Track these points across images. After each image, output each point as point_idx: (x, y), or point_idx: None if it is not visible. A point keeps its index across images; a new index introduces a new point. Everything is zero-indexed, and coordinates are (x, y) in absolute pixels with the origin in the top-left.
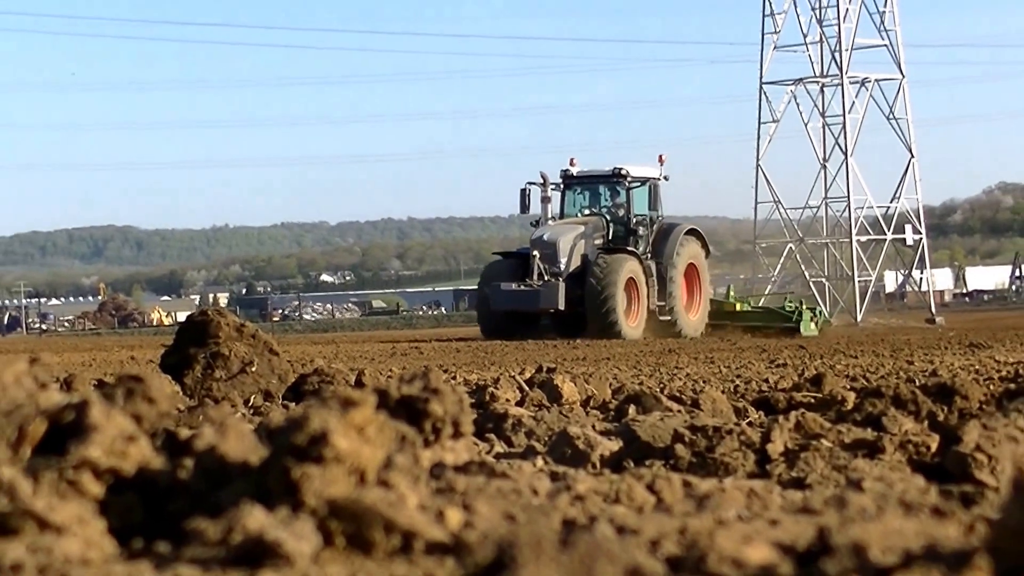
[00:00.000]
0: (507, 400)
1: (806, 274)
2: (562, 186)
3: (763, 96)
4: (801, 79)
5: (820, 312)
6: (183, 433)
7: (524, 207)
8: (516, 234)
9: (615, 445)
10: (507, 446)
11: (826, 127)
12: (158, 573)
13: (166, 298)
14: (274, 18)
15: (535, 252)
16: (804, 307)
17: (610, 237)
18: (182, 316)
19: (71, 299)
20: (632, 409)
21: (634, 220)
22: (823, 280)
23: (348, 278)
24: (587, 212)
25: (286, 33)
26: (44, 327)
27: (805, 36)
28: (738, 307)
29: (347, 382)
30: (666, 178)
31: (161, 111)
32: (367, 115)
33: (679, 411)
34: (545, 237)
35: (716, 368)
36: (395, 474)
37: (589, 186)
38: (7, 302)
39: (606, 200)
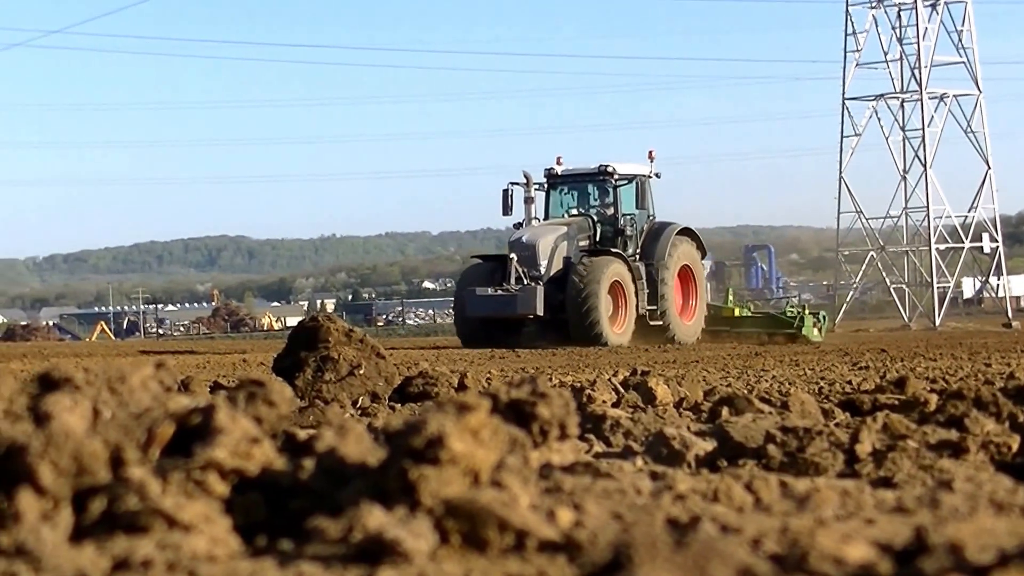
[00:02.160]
0: (603, 402)
1: (887, 281)
2: (546, 186)
3: (845, 111)
4: (882, 95)
5: (823, 317)
6: (301, 435)
7: (507, 208)
8: None
9: (709, 445)
10: (606, 446)
11: (906, 140)
12: (282, 570)
13: (276, 304)
14: (377, 39)
15: (512, 255)
16: (806, 312)
17: (597, 239)
18: (291, 321)
19: (186, 305)
20: (725, 411)
21: (621, 220)
22: (903, 286)
23: (449, 285)
24: (574, 213)
25: (391, 54)
26: (160, 332)
27: (886, 54)
28: (737, 312)
29: (450, 384)
30: (657, 175)
31: (271, 127)
32: (469, 130)
33: (770, 412)
34: (524, 239)
35: (801, 371)
36: (507, 475)
37: (574, 185)
38: (126, 308)
39: (594, 200)
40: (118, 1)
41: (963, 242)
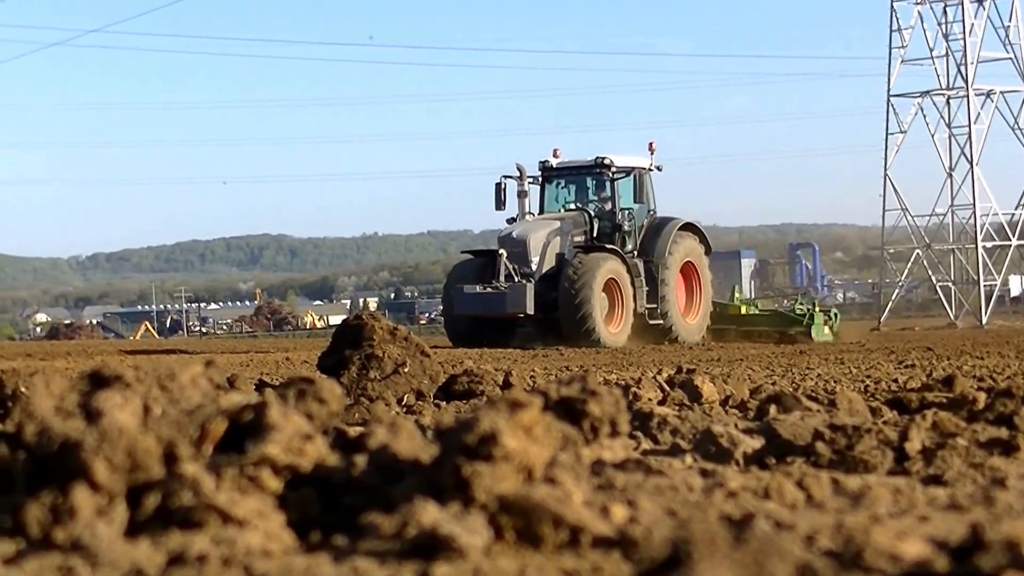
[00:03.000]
0: (649, 399)
1: (933, 279)
2: (541, 179)
3: (891, 108)
4: (928, 91)
5: (835, 315)
6: (352, 431)
7: (499, 203)
8: None
9: (757, 443)
10: (653, 444)
11: (952, 137)
12: (336, 565)
13: (318, 303)
14: (421, 37)
15: (502, 251)
16: (816, 310)
17: (594, 234)
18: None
19: (229, 304)
20: (773, 408)
21: (619, 215)
22: (949, 284)
23: None
24: (571, 207)
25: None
26: (204, 330)
27: (931, 50)
28: (744, 310)
29: (495, 382)
30: (658, 168)
31: (313, 126)
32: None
33: (818, 410)
34: (514, 234)
35: (846, 369)
36: (560, 471)
37: (570, 178)
38: (169, 307)
39: (592, 194)
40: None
41: (1010, 239)
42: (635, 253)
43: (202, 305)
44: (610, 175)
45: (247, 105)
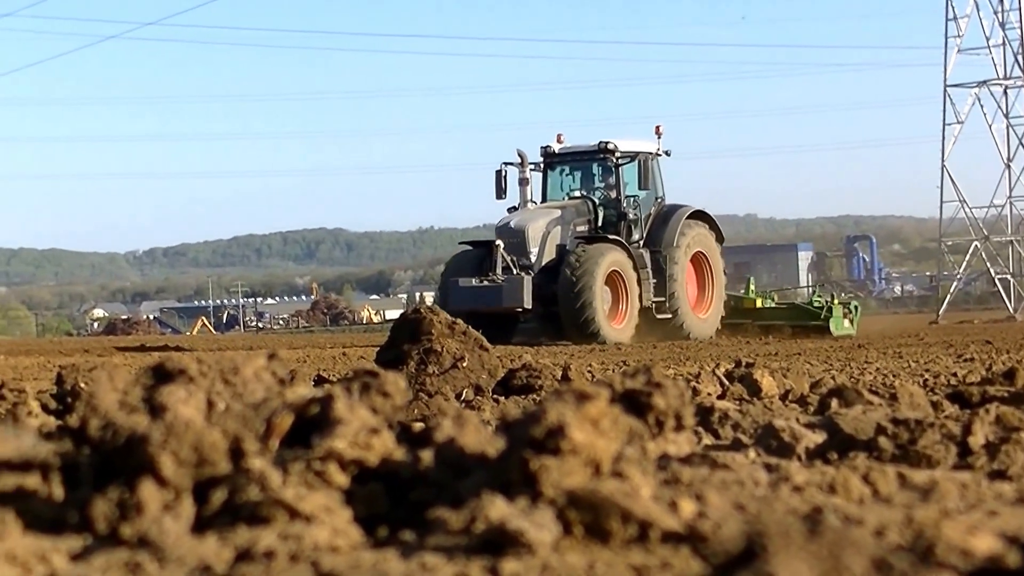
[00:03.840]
0: (709, 394)
1: (991, 271)
2: (543, 165)
3: (947, 98)
4: (984, 81)
5: (855, 308)
6: (416, 425)
7: (500, 191)
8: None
9: (819, 437)
10: (715, 438)
11: (1010, 127)
12: (404, 560)
13: (375, 297)
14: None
15: (499, 242)
16: (835, 303)
17: (599, 223)
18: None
19: (285, 298)
20: (835, 402)
21: (624, 203)
22: (1008, 277)
23: None
24: (576, 195)
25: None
26: (260, 325)
27: (988, 39)
28: (759, 303)
29: (554, 376)
30: (667, 153)
31: (368, 119)
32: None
33: (879, 404)
34: (512, 224)
35: (904, 362)
36: (628, 465)
37: (574, 164)
38: (225, 301)
39: (598, 180)
40: None
41: None
42: (641, 243)
43: (258, 300)
44: (614, 161)
45: (303, 98)
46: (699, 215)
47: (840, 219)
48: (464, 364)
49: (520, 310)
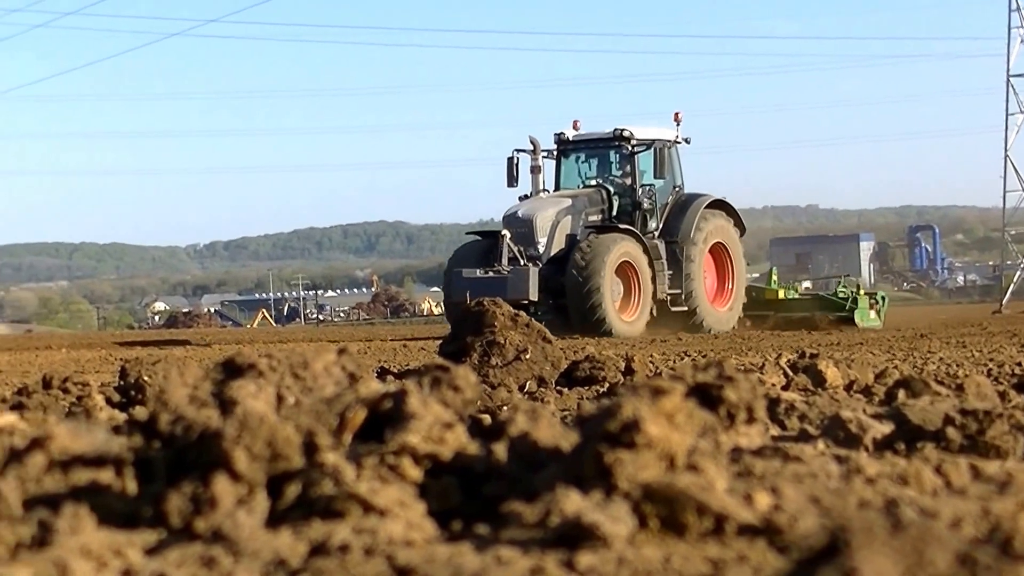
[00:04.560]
0: (774, 384)
1: None
2: (557, 153)
3: (1011, 88)
4: None
5: (882, 299)
6: (486, 419)
7: (512, 179)
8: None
9: (886, 428)
10: (781, 429)
11: None
12: (479, 554)
13: (435, 289)
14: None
15: (505, 231)
16: (860, 293)
17: (613, 212)
18: None
19: (346, 291)
20: (902, 393)
21: (639, 191)
22: None
23: None
24: (592, 184)
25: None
26: (320, 317)
27: None
28: (781, 294)
29: (617, 368)
30: (687, 140)
31: (428, 112)
32: (625, 113)
33: (947, 395)
34: (520, 213)
35: (968, 352)
36: (702, 459)
37: (588, 152)
38: (286, 294)
39: (615, 169)
40: None
41: None
42: (657, 233)
43: (319, 292)
44: (629, 148)
45: (363, 93)
46: (719, 204)
47: (902, 209)
48: (527, 356)
49: (524, 302)
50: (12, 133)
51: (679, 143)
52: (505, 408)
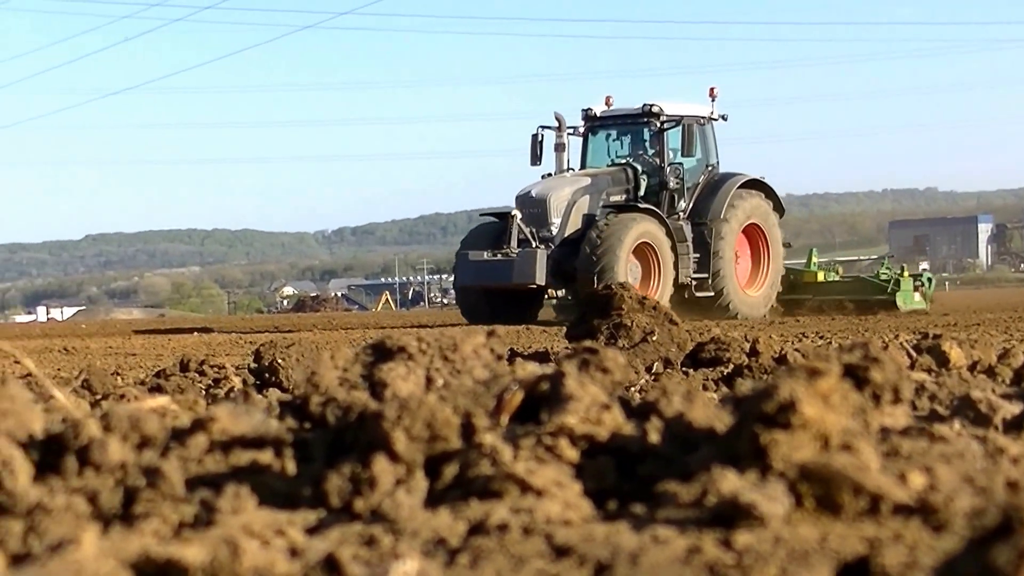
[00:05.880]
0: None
1: None
2: (584, 130)
3: None
4: None
5: (928, 280)
6: (635, 400)
7: (535, 157)
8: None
9: (1016, 408)
10: (911, 409)
11: None
12: (636, 533)
13: None
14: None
15: (515, 212)
16: (904, 275)
17: (640, 192)
18: None
19: None
20: None
21: (667, 169)
22: None
23: None
24: (621, 162)
25: (624, 25)
26: (444, 301)
27: None
28: (820, 277)
29: (742, 350)
30: (723, 117)
31: (545, 101)
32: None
33: None
34: (533, 193)
35: None
36: (856, 439)
37: (617, 129)
38: (411, 278)
39: (648, 146)
40: None
41: None
42: (682, 214)
43: (443, 277)
44: (658, 125)
45: (488, 82)
46: (754, 184)
47: (1022, 191)
48: (654, 338)
49: (532, 286)
50: (151, 123)
51: (715, 120)
52: (632, 389)
